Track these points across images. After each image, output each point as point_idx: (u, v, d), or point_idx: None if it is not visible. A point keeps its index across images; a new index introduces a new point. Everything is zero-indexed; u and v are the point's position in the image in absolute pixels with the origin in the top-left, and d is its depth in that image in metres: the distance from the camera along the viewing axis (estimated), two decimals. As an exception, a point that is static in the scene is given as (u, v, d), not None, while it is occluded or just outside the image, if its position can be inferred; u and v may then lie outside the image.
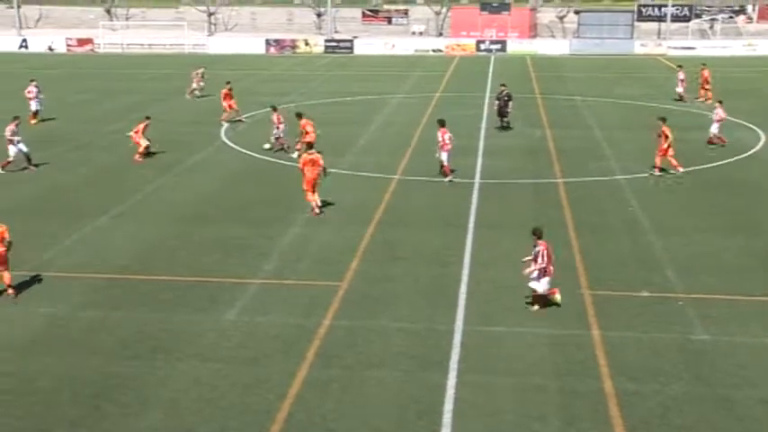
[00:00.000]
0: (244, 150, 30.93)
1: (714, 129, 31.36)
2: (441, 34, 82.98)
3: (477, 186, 25.71)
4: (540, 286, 16.21)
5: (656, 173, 26.69)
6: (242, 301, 16.75)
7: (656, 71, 57.71)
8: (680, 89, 42.34)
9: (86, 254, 19.61)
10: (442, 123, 26.29)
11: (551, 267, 16.20)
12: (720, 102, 32.31)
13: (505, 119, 34.85)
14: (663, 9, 77.68)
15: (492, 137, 33.46)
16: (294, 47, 73.75)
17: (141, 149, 29.33)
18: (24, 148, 27.94)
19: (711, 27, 79.17)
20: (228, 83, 37.53)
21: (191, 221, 22.20)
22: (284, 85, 49.93)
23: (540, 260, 16.07)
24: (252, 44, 74.20)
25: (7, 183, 26.38)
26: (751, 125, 35.50)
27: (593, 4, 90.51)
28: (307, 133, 27.52)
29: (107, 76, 55.36)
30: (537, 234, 16.30)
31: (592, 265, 18.70)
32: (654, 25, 79.52)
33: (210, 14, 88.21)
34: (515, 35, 76.51)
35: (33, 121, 36.69)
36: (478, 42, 72.93)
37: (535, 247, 16.20)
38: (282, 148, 30.09)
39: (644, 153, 30.21)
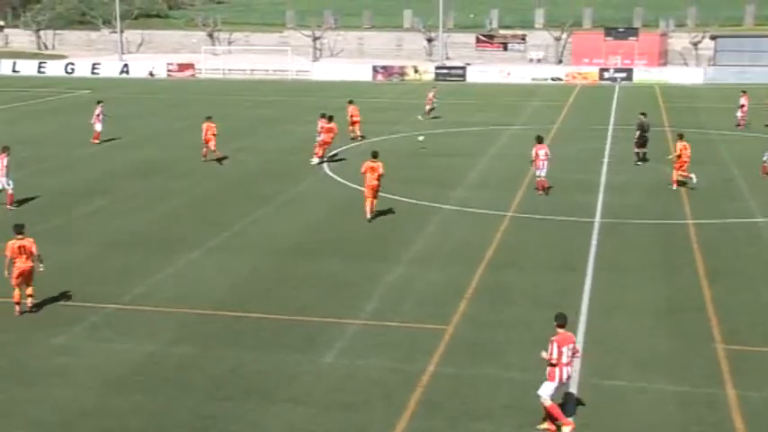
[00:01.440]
0: (347, 182, 31.39)
1: None
2: (560, 61, 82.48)
3: (597, 226, 25.33)
4: (544, 391, 13.28)
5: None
6: (341, 343, 16.91)
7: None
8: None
9: (180, 288, 20.21)
10: (539, 140, 29.23)
11: (565, 371, 13.27)
12: None
13: (644, 149, 34.74)
14: (814, 33, 75.11)
15: (615, 172, 32.95)
16: (402, 74, 74.64)
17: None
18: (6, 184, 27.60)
19: None
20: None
21: (289, 256, 22.61)
22: (392, 114, 50.52)
23: (550, 353, 13.26)
24: (358, 70, 75.49)
25: (116, 213, 27.42)
26: None
27: (732, 28, 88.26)
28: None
29: (208, 103, 57.27)
30: (558, 322, 13.55)
31: (726, 316, 18.10)
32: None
33: (315, 39, 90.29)
34: (643, 62, 75.36)
35: (96, 141, 39.67)
36: (602, 70, 72.15)
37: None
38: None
39: (788, 194, 29.22)
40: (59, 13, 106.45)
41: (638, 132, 34.87)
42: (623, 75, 71.06)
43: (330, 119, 35.47)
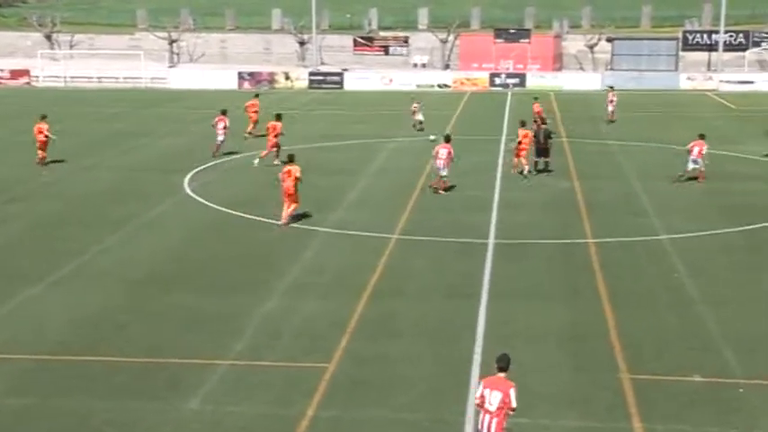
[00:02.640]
0: (210, 203, 31.09)
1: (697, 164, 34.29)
2: (447, 66, 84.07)
3: (491, 247, 25.81)
4: None
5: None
6: (207, 387, 16.67)
7: (706, 110, 58.39)
8: None
9: (16, 330, 19.53)
10: (447, 139, 32.99)
11: (483, 419, 12.92)
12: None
13: (546, 158, 35.87)
14: (713, 36, 78.83)
15: (509, 189, 33.70)
16: (272, 81, 74.64)
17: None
18: None
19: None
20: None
21: (146, 289, 22.20)
22: (261, 126, 50.21)
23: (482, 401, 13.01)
24: (221, 77, 75.11)
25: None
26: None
27: (630, 30, 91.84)
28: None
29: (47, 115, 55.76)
30: (499, 365, 13.22)
31: (630, 343, 18.70)
32: (703, 55, 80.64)
33: (172, 42, 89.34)
34: (536, 67, 77.55)
35: None
36: (492, 76, 73.93)
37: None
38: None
39: (692, 208, 30.44)
40: None
41: (534, 140, 35.75)
42: (516, 81, 72.93)
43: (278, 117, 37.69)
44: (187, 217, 29.59)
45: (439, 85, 73.26)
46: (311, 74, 76.05)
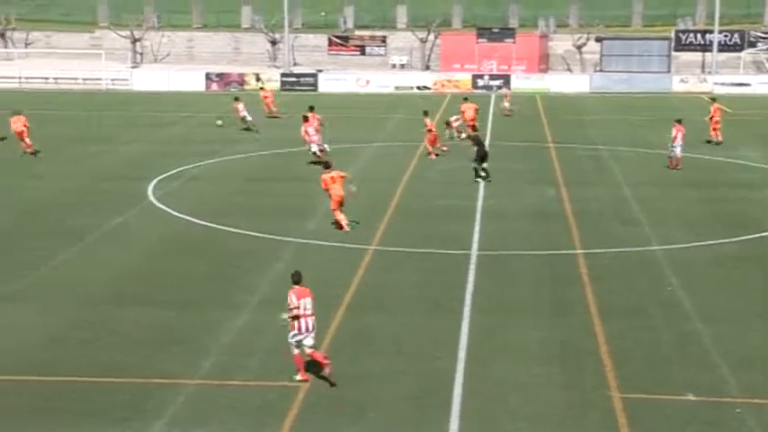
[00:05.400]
0: (175, 213, 31.00)
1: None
2: (428, 67, 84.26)
3: (474, 259, 25.86)
4: (290, 338, 17.71)
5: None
6: (173, 408, 16.61)
7: (700, 113, 58.71)
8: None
9: (-31, 347, 19.43)
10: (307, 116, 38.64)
11: (305, 321, 17.53)
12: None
13: (485, 164, 36.34)
14: (708, 36, 79.35)
15: (492, 196, 33.80)
16: (242, 82, 74.56)
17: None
18: None
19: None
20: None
21: (106, 305, 22.08)
22: (229, 131, 50.23)
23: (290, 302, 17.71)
24: (188, 79, 74.98)
25: None
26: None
27: (619, 29, 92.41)
28: None
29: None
30: (294, 279, 18.04)
31: (622, 360, 18.77)
32: (697, 56, 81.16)
33: (135, 41, 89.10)
34: (521, 68, 77.83)
35: None
36: (475, 77, 74.15)
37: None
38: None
39: (686, 216, 30.60)
40: None
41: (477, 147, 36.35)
42: (500, 82, 73.15)
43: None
44: (151, 227, 29.47)
45: (418, 87, 73.40)
46: (283, 75, 76.01)
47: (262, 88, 60.52)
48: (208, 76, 74.90)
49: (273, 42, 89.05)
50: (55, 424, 16.07)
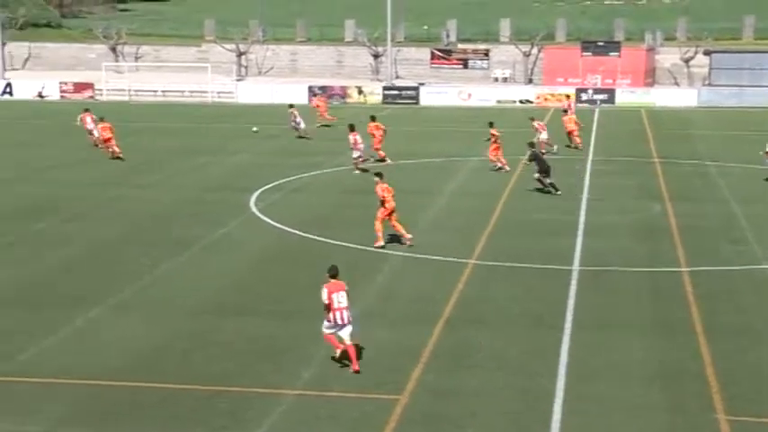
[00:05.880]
0: (277, 224, 31.35)
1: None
2: (530, 81, 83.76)
3: (576, 275, 25.59)
4: (323, 327, 19.06)
5: None
6: (272, 418, 16.76)
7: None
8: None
9: (74, 354, 19.87)
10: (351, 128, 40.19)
11: (339, 314, 18.64)
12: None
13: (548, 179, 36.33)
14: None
15: (596, 211, 33.42)
16: (345, 95, 75.12)
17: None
18: None
19: None
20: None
21: (209, 314, 22.42)
22: (331, 143, 50.74)
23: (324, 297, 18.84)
24: (291, 92, 75.70)
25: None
26: None
27: (730, 42, 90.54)
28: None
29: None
30: (330, 273, 19.10)
31: (728, 381, 18.35)
32: (812, 70, 79.05)
33: (240, 54, 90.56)
34: (627, 82, 76.86)
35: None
36: (579, 91, 73.41)
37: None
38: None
39: (797, 235, 29.84)
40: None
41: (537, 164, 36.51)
42: (604, 96, 72.36)
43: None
44: (254, 238, 29.85)
45: (521, 101, 72.98)
46: (385, 88, 76.39)
47: (315, 95, 61.17)
48: (310, 89, 75.64)
49: (376, 56, 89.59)
50: (154, 429, 16.36)
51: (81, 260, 27.39)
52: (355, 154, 40.90)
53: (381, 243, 28.01)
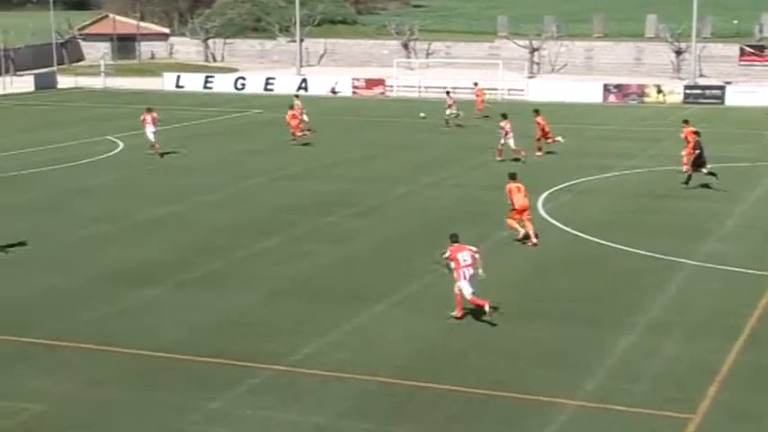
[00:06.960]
0: (565, 227, 31.02)
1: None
2: None
3: None
4: (457, 286, 21.62)
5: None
6: (551, 428, 16.58)
7: None
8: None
9: (358, 349, 20.45)
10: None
11: (464, 271, 21.33)
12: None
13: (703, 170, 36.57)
14: None
15: None
16: (642, 94, 73.42)
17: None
18: None
19: None
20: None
21: (491, 317, 22.41)
22: (623, 144, 49.72)
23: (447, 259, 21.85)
24: (585, 90, 74.97)
25: (285, 257, 28.21)
26: None
27: None
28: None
29: (398, 126, 58.39)
30: (452, 239, 22.09)
31: None
32: None
33: (533, 51, 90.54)
34: None
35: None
36: None
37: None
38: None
39: None
40: (231, 20, 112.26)
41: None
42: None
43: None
44: (540, 241, 29.62)
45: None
46: (687, 87, 74.05)
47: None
48: (606, 88, 74.48)
49: (678, 52, 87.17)
50: (429, 427, 16.55)
51: (367, 255, 28.15)
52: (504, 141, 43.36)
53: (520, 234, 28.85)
